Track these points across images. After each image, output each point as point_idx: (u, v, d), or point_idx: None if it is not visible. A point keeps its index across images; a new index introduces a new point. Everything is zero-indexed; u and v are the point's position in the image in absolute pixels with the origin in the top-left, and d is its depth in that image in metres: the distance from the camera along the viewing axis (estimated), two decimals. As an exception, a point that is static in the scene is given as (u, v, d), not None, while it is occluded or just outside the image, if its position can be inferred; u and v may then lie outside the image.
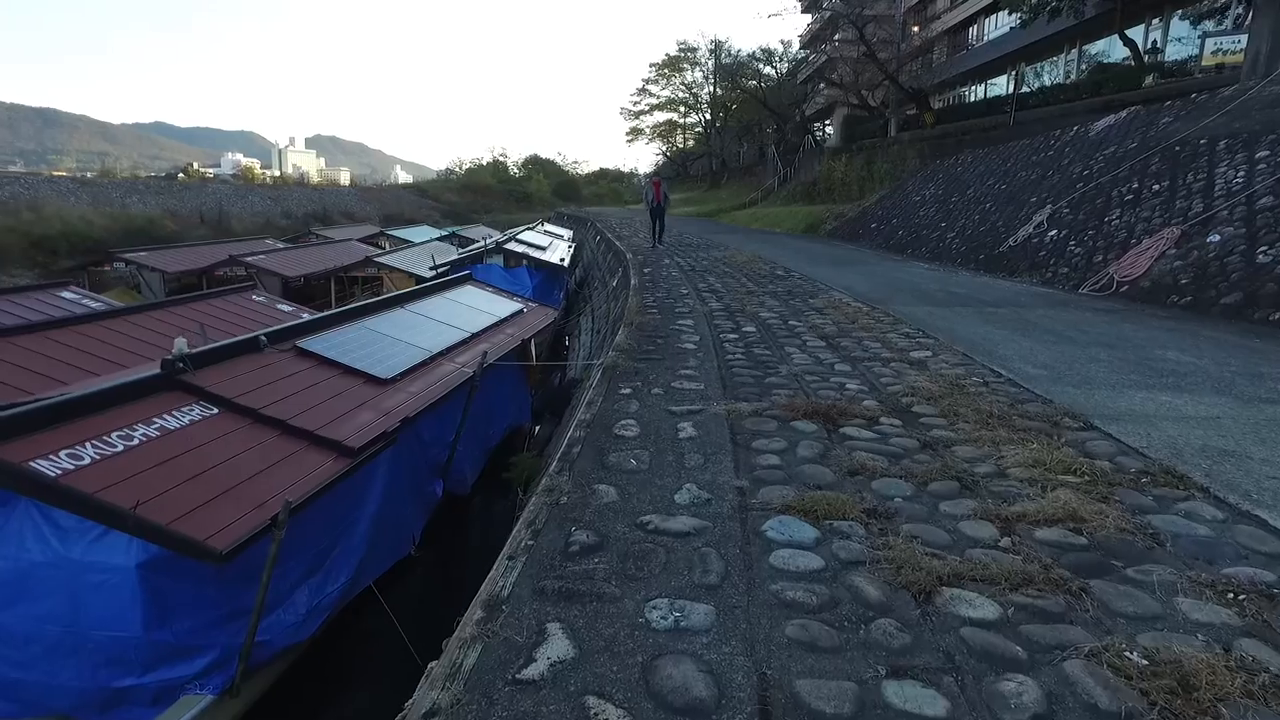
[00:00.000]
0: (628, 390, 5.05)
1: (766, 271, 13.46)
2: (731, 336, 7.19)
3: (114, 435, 5.42)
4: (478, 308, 11.92)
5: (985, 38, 36.67)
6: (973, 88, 38.35)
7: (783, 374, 5.65)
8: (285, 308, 12.94)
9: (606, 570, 2.63)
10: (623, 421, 4.36)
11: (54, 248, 31.91)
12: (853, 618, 2.38)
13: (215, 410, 6.30)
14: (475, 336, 10.36)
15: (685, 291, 10.68)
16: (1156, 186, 11.86)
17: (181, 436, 5.73)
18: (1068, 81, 26.57)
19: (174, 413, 6.02)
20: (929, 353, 6.49)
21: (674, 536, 2.91)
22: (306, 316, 11.82)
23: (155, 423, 5.77)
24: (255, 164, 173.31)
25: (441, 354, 9.18)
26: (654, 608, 2.40)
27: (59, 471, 4.82)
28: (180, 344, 6.65)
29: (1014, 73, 29.57)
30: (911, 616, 2.39)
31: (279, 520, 5.11)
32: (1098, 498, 3.27)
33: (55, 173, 75.25)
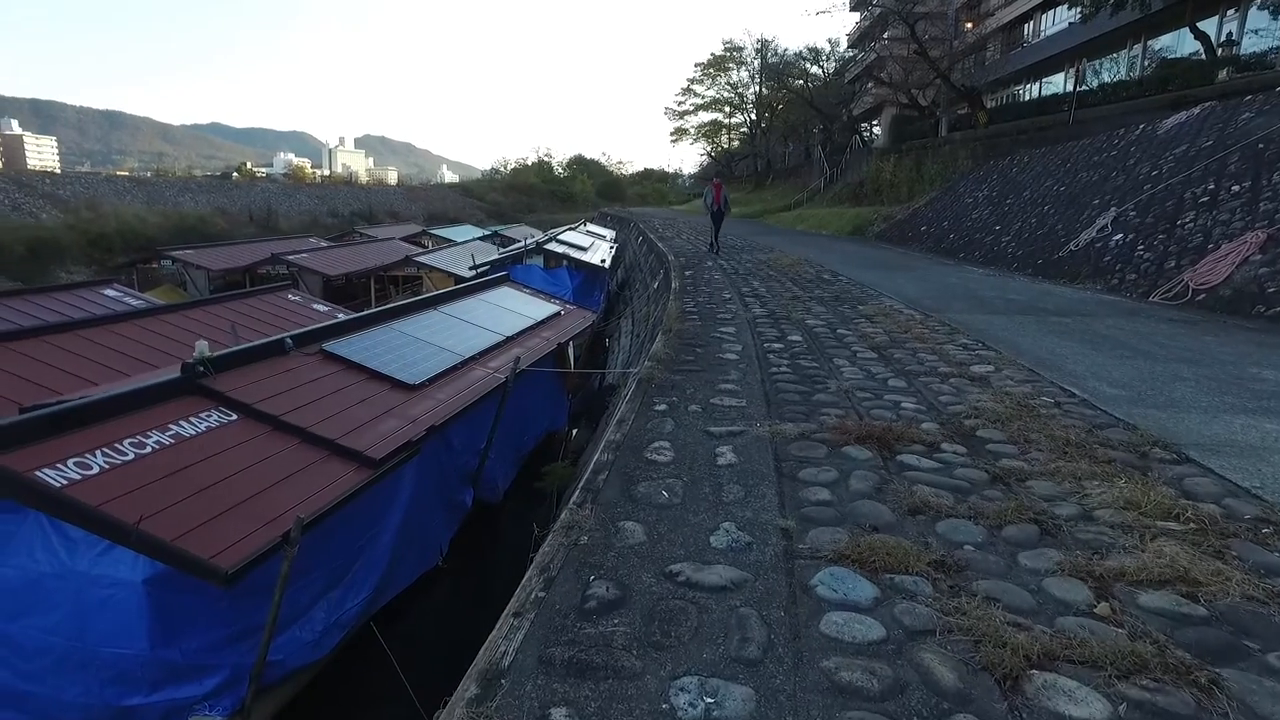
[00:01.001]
0: (663, 406, 4.65)
1: (813, 275, 12.93)
2: (776, 346, 6.73)
3: (126, 443, 5.19)
4: (514, 310, 11.63)
5: (1042, 34, 35.44)
6: (1027, 86, 37.09)
7: (832, 390, 5.19)
8: (320, 307, 12.82)
9: (627, 635, 2.23)
10: (655, 444, 3.96)
11: (110, 245, 32.82)
12: (923, 711, 1.94)
13: (234, 417, 6.07)
14: (510, 340, 10.06)
15: (728, 296, 10.23)
16: (1236, 187, 11.05)
17: (196, 445, 5.49)
18: (1130, 78, 25.41)
19: (191, 419, 5.80)
20: (991, 367, 5.96)
21: (708, 592, 2.49)
22: (341, 316, 11.66)
23: (170, 429, 5.54)
24: (306, 163, 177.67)
25: (474, 358, 8.88)
26: (681, 689, 1.99)
27: (64, 481, 4.60)
28: (202, 347, 6.44)
29: (1073, 70, 28.40)
30: (996, 712, 1.94)
31: (291, 538, 4.82)
32: (1210, 552, 2.76)
33: (118, 172, 77.81)
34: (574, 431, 12.36)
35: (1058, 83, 33.56)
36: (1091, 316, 8.68)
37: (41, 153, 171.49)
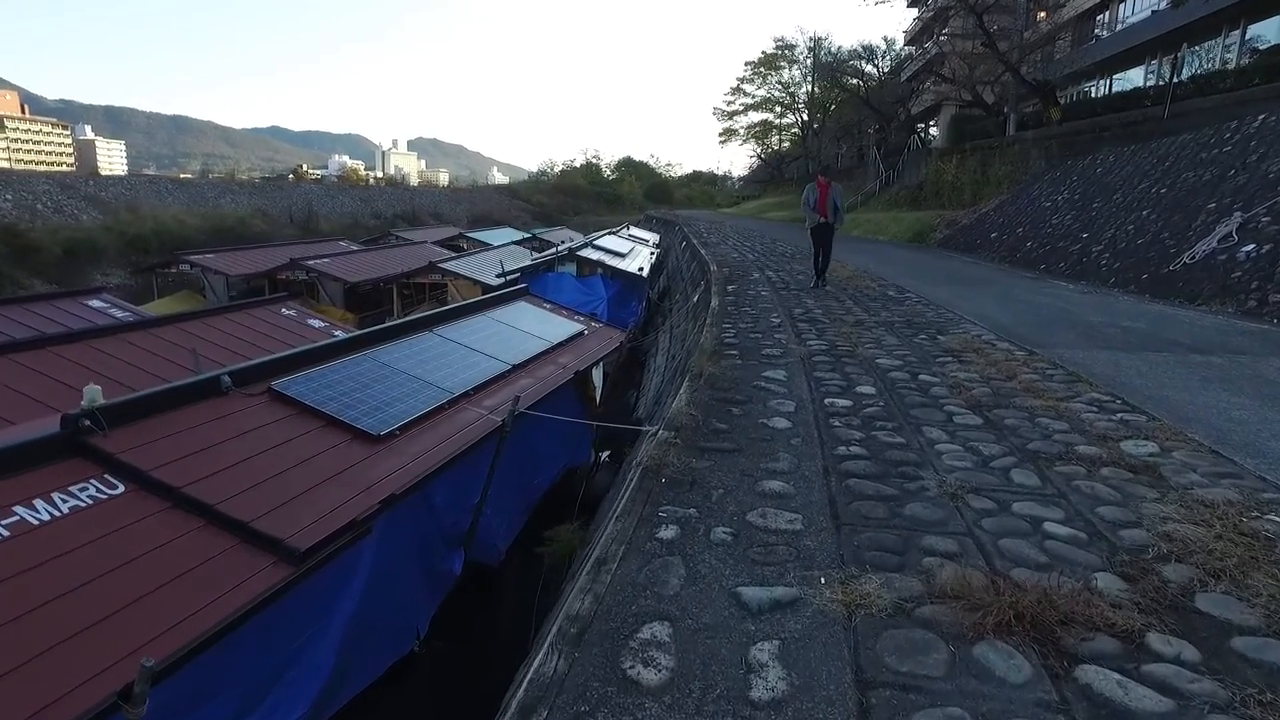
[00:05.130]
0: (671, 531, 2.98)
1: (876, 291, 11.09)
2: (842, 405, 4.97)
3: (-69, 541, 3.75)
4: (527, 330, 10.07)
5: (1121, 22, 32.81)
6: (1098, 82, 34.44)
7: (931, 493, 3.45)
8: (316, 324, 11.43)
9: None
10: (646, 630, 2.30)
11: (146, 247, 32.47)
12: None
13: (120, 489, 4.60)
14: (517, 369, 8.50)
15: (776, 320, 8.47)
16: None
17: (44, 537, 4.01)
18: (1226, 68, 22.96)
19: (56, 494, 4.34)
20: (1152, 446, 4.15)
21: None
22: (339, 335, 10.26)
23: (14, 514, 4.08)
24: (359, 165, 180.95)
25: (466, 395, 7.33)
26: None
27: None
28: (92, 393, 5.00)
29: (1155, 62, 25.86)
30: None
31: (134, 694, 3.28)
32: None
33: (182, 174, 79.32)
34: (601, 460, 10.77)
35: (1133, 78, 30.99)
36: (1249, 354, 6.73)
37: (111, 156, 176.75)
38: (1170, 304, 10.42)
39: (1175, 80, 21.03)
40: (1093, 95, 32.53)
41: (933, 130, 47.33)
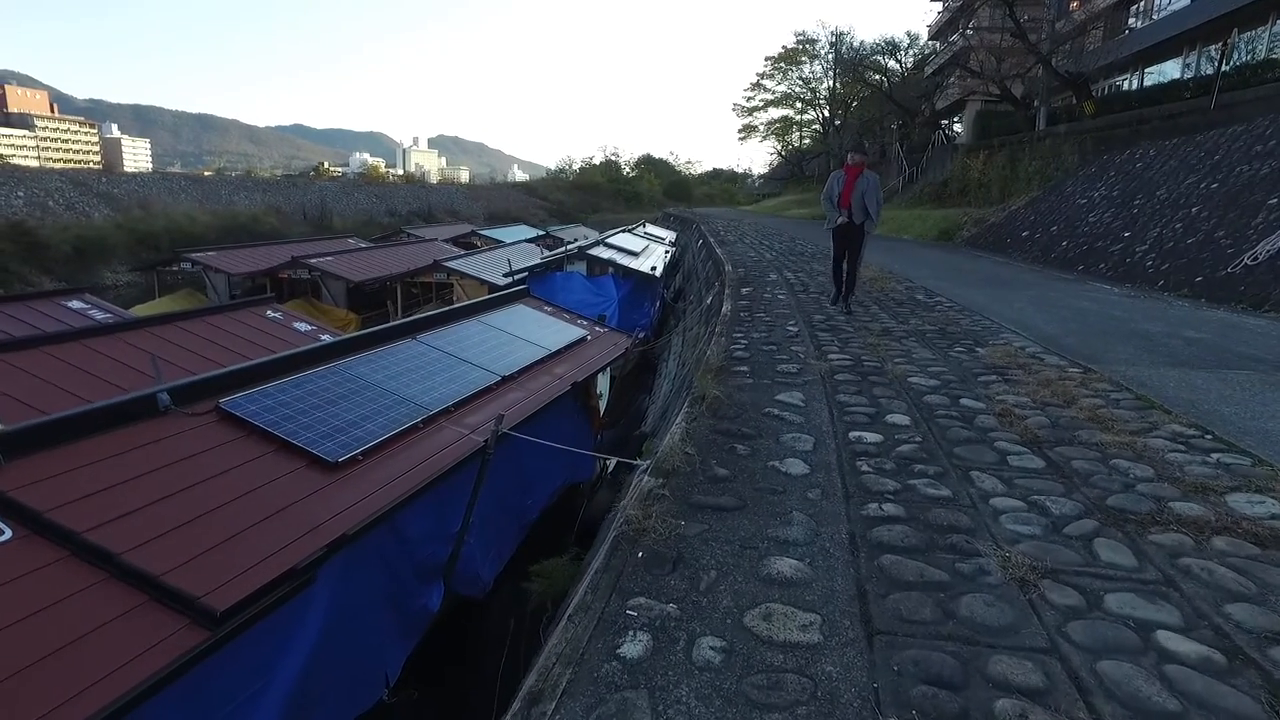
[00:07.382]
0: (639, 642, 2.15)
1: (903, 295, 10.19)
2: (870, 440, 4.10)
3: None
4: (523, 337, 9.28)
5: (1157, 12, 31.50)
6: (1130, 76, 33.15)
7: (992, 578, 2.60)
8: (303, 327, 10.70)
9: None
10: None
11: (157, 244, 32.19)
12: None
13: (6, 535, 3.86)
14: (507, 381, 7.71)
15: (793, 328, 7.62)
16: None
17: (-107, 603, 3.29)
18: (1273, 57, 21.77)
19: (-76, 545, 3.62)
20: (1272, 503, 3.27)
21: None
22: (326, 339, 9.52)
23: None
24: (380, 163, 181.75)
25: (445, 412, 6.54)
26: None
27: None
28: (-12, 420, 4.29)
29: (1221, 45, 24.53)
30: None
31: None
32: None
33: (205, 172, 79.69)
34: (605, 472, 9.97)
35: (1167, 70, 29.75)
36: (1343, 374, 5.81)
37: (137, 154, 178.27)
38: (1233, 310, 9.43)
39: (1223, 69, 19.86)
40: (1125, 89, 31.35)
41: (957, 126, 46.20)
